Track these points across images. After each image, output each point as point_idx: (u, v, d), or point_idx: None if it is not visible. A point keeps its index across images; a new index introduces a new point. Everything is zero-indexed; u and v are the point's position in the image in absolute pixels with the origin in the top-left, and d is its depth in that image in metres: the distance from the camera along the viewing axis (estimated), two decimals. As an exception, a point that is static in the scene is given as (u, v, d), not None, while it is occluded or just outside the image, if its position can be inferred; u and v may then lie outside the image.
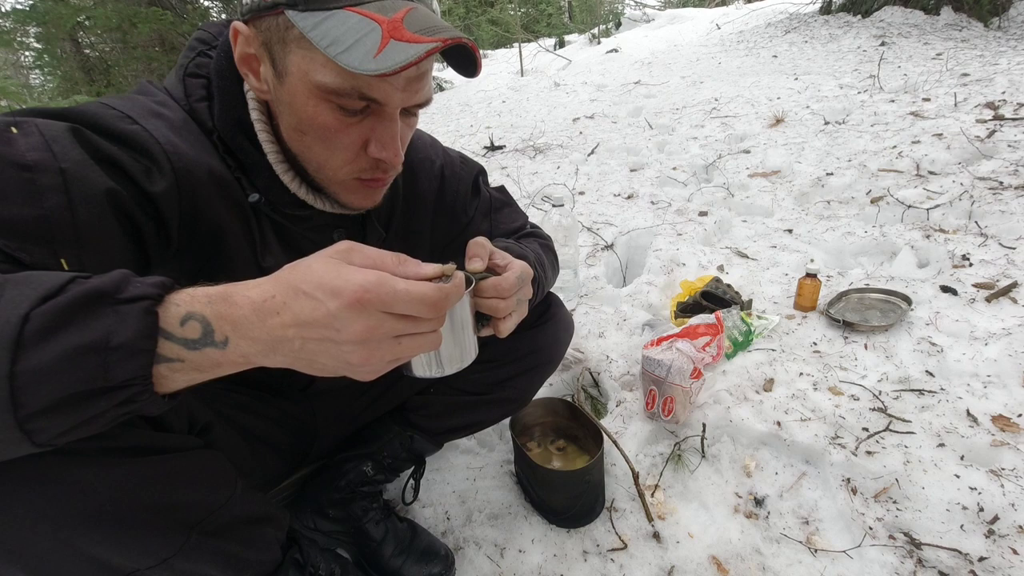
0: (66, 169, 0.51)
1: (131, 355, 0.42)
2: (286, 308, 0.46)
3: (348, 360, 0.48)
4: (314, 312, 0.45)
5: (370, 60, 0.54)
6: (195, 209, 0.64)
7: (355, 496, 1.06)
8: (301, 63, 0.59)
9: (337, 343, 0.47)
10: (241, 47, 0.63)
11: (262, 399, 0.91)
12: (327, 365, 0.48)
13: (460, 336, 0.62)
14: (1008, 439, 1.15)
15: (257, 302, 0.46)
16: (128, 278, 0.45)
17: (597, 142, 3.85)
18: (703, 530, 1.09)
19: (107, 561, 0.53)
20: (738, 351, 1.54)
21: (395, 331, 0.48)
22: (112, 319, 0.42)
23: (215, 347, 0.46)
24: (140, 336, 0.42)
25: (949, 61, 4.26)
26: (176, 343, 0.45)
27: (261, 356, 0.47)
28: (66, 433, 0.43)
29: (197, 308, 0.45)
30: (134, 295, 0.44)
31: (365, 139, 0.64)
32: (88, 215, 0.52)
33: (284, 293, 0.47)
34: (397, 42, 0.55)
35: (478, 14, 14.98)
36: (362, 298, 0.45)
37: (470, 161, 1.00)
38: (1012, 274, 1.69)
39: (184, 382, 0.47)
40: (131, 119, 0.59)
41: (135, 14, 6.03)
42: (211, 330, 0.45)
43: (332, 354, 0.47)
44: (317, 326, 0.46)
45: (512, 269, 0.70)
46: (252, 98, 0.68)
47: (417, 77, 0.62)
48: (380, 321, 0.47)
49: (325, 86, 0.59)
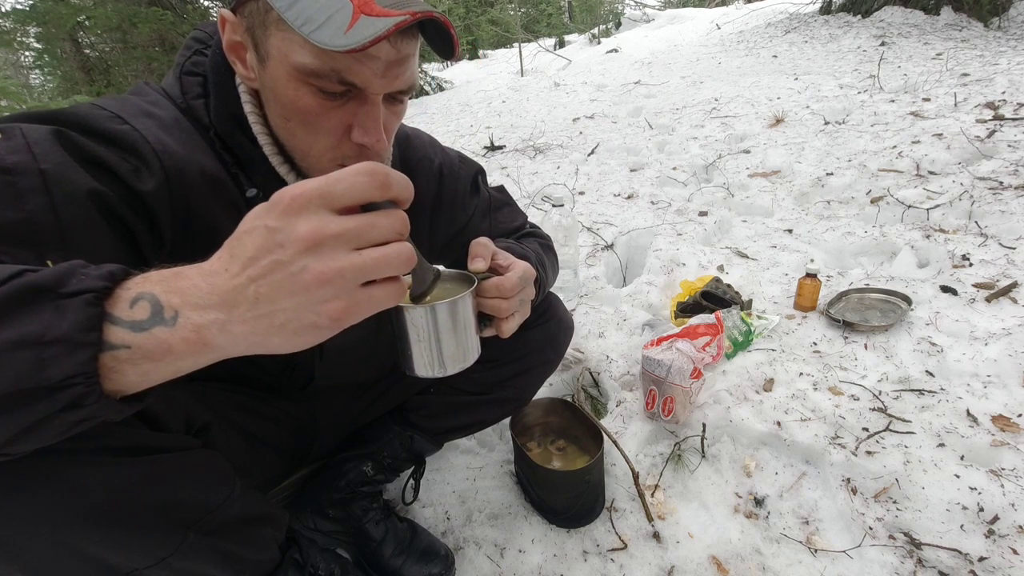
0: (47, 170, 0.50)
1: (70, 350, 0.38)
2: (232, 259, 0.42)
3: (305, 284, 0.41)
4: (255, 239, 0.41)
5: (340, 36, 0.54)
6: (188, 208, 0.64)
7: (355, 496, 1.06)
8: (280, 45, 0.59)
9: (287, 265, 0.40)
10: (228, 35, 0.63)
11: (262, 399, 0.90)
12: (288, 309, 0.41)
13: (462, 336, 0.62)
14: (1008, 439, 1.15)
15: (205, 268, 0.43)
16: (75, 270, 0.41)
17: (597, 142, 3.85)
18: (703, 530, 1.09)
19: (105, 561, 0.53)
20: (738, 351, 1.54)
21: (346, 232, 0.41)
22: (51, 314, 0.39)
23: (164, 325, 0.41)
24: (79, 328, 0.39)
25: (949, 61, 4.26)
26: (123, 327, 0.40)
27: (217, 329, 0.41)
28: (15, 440, 0.40)
29: (147, 287, 0.42)
30: (78, 288, 0.40)
31: (347, 124, 0.64)
32: (72, 216, 0.51)
33: (228, 248, 0.43)
34: (367, 17, 0.55)
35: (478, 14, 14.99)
36: (296, 197, 0.41)
37: (469, 160, 1.00)
38: (1012, 274, 1.68)
39: (136, 375, 0.42)
40: (121, 119, 0.59)
41: (135, 14, 6.03)
42: (160, 307, 0.41)
43: (288, 287, 0.41)
44: (262, 252, 0.41)
45: (514, 269, 0.70)
46: (244, 91, 0.68)
47: (397, 61, 0.60)
48: (326, 220, 0.41)
49: (304, 67, 0.58)
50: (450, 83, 9.10)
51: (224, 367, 0.89)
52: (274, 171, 0.70)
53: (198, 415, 0.70)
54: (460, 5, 15.04)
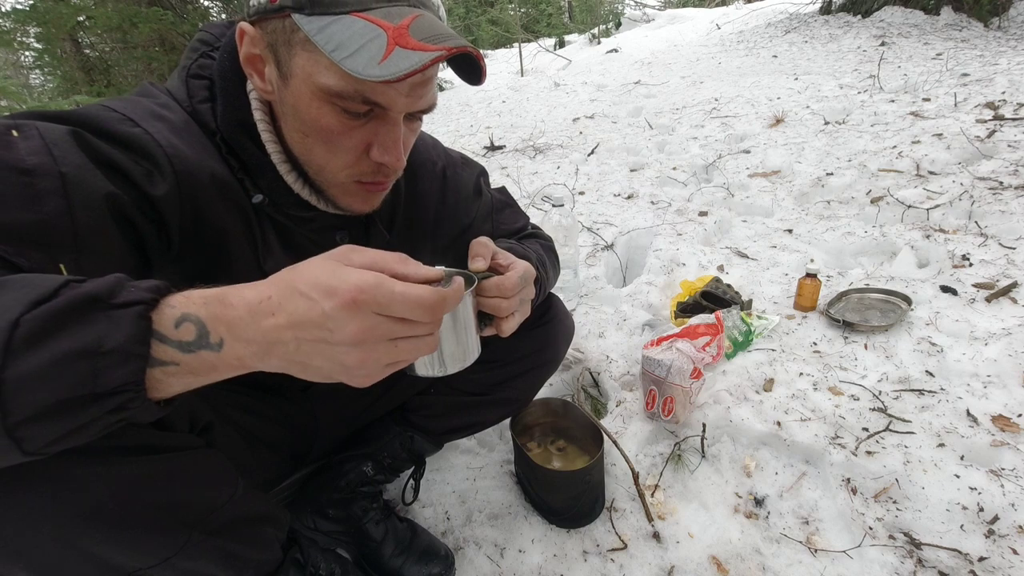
0: (66, 173, 0.51)
1: (123, 361, 0.42)
2: (281, 309, 0.46)
3: (343, 362, 0.47)
4: (309, 312, 0.45)
5: (375, 66, 0.54)
6: (196, 212, 0.64)
7: (355, 496, 1.06)
8: (306, 65, 0.59)
9: (331, 344, 0.46)
10: (247, 47, 0.63)
11: (263, 399, 0.91)
12: (322, 368, 0.48)
13: (462, 336, 0.62)
14: (1008, 439, 1.15)
15: (253, 303, 0.46)
16: (122, 282, 0.44)
17: (597, 142, 3.85)
18: (703, 530, 1.09)
19: (109, 560, 0.53)
20: (738, 351, 1.54)
21: (391, 334, 0.47)
22: (105, 324, 0.41)
23: (210, 349, 0.45)
24: (133, 341, 0.42)
25: (949, 61, 4.26)
26: (171, 346, 0.44)
27: (256, 359, 0.47)
28: (57, 441, 0.42)
29: (192, 310, 0.45)
30: (128, 300, 0.43)
31: (368, 143, 0.64)
32: (88, 220, 0.52)
33: (280, 294, 0.46)
34: (403, 49, 0.55)
35: (478, 14, 14.98)
36: (357, 298, 0.45)
37: (472, 162, 1.00)
38: (1012, 274, 1.69)
39: (179, 387, 0.46)
40: (132, 122, 0.59)
41: (135, 14, 6.02)
42: (206, 332, 0.45)
43: (327, 356, 0.47)
44: (311, 326, 0.45)
45: (515, 269, 0.71)
46: (255, 98, 0.67)
47: (422, 83, 0.62)
48: (375, 323, 0.46)
49: (329, 88, 0.59)
50: (450, 83, 9.10)
51: None
52: (280, 178, 0.70)
53: (201, 415, 0.70)
54: (460, 5, 15.04)
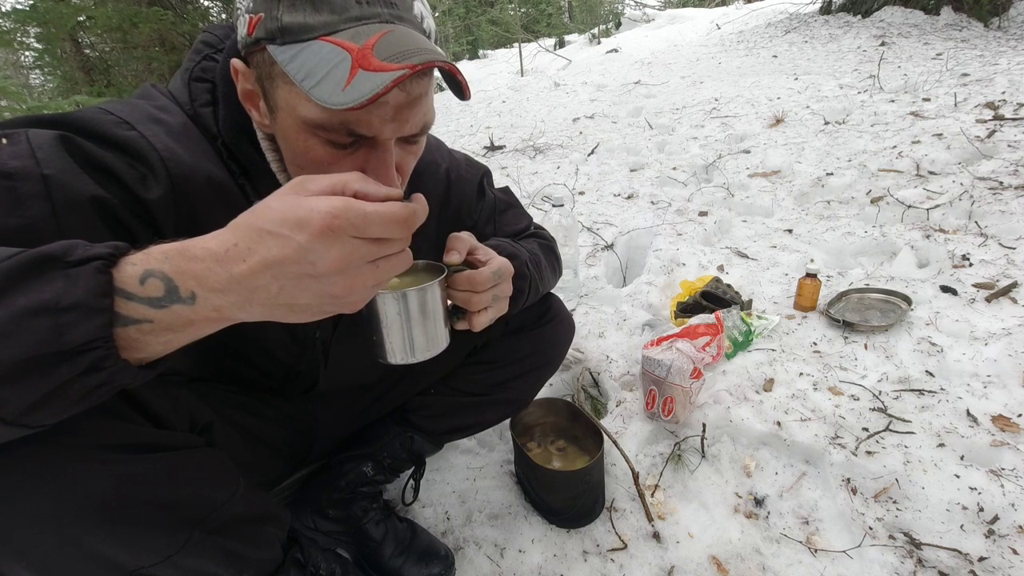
0: (49, 176, 0.50)
1: (86, 316, 0.40)
2: (252, 253, 0.44)
3: (331, 293, 0.46)
4: (283, 249, 0.44)
5: (339, 93, 0.52)
6: (193, 215, 0.63)
7: (355, 496, 1.06)
8: (288, 98, 0.58)
9: (316, 277, 0.45)
10: (242, 84, 0.63)
11: (263, 400, 0.91)
12: (311, 305, 0.47)
13: (430, 324, 0.64)
14: (1008, 439, 1.15)
15: (218, 252, 0.44)
16: (76, 243, 0.43)
17: (597, 142, 3.85)
18: (703, 530, 1.09)
19: (111, 558, 0.53)
20: (738, 351, 1.54)
21: (370, 255, 0.47)
22: (62, 282, 0.41)
23: (182, 303, 0.44)
24: (92, 294, 0.41)
25: (949, 61, 4.26)
26: (139, 303, 0.43)
27: (236, 309, 0.46)
28: (36, 407, 0.41)
29: (154, 265, 0.44)
30: (84, 256, 0.42)
31: (360, 169, 0.61)
32: (73, 222, 0.51)
33: (246, 238, 0.45)
34: (365, 71, 0.52)
35: (478, 14, 14.99)
36: (331, 224, 0.44)
37: (475, 163, 1.00)
38: (1012, 274, 1.69)
39: (160, 346, 0.45)
40: (128, 125, 0.59)
41: (135, 14, 6.02)
42: (174, 286, 0.43)
43: (313, 291, 0.46)
44: (289, 263, 0.44)
45: (489, 265, 0.70)
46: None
47: (407, 104, 0.58)
48: (354, 247, 0.45)
49: (311, 121, 0.56)
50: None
51: (227, 371, 0.89)
52: (280, 184, 0.69)
53: (201, 414, 0.70)
54: (460, 5, 15.04)
